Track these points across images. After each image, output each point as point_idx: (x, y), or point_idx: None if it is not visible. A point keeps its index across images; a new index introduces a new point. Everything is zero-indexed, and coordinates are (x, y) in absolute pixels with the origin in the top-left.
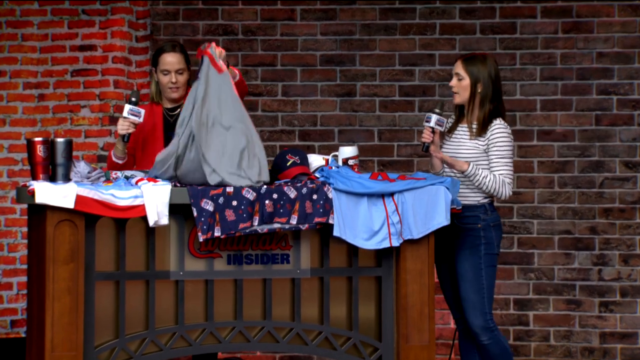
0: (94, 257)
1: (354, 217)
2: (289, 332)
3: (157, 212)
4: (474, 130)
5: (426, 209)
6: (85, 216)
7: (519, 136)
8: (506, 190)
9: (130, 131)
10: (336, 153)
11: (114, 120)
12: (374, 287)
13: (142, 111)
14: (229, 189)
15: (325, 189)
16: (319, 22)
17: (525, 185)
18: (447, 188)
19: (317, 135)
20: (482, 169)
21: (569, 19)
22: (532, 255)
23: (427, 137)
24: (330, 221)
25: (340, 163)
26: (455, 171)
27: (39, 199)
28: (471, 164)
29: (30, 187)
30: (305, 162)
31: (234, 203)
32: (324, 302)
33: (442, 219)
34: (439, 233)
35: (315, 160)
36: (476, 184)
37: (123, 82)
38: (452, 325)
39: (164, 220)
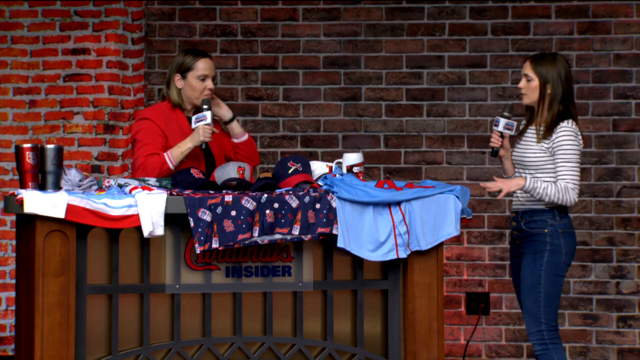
0: (85, 270)
1: (359, 228)
2: (291, 349)
3: (152, 222)
4: (541, 132)
5: (435, 219)
6: (77, 226)
7: None
8: (570, 197)
9: (210, 140)
10: (340, 160)
11: (108, 129)
12: (379, 301)
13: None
14: (228, 198)
15: (329, 197)
16: (322, 23)
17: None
18: (457, 197)
19: (320, 141)
20: (542, 180)
21: (585, 19)
22: None
23: (495, 141)
24: (334, 231)
25: (344, 170)
26: (526, 175)
27: (28, 208)
28: (528, 179)
29: (19, 196)
30: (307, 170)
31: (233, 213)
32: (327, 316)
33: (451, 229)
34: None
35: (318, 167)
36: (537, 197)
37: (118, 88)
38: (462, 341)
39: (160, 231)
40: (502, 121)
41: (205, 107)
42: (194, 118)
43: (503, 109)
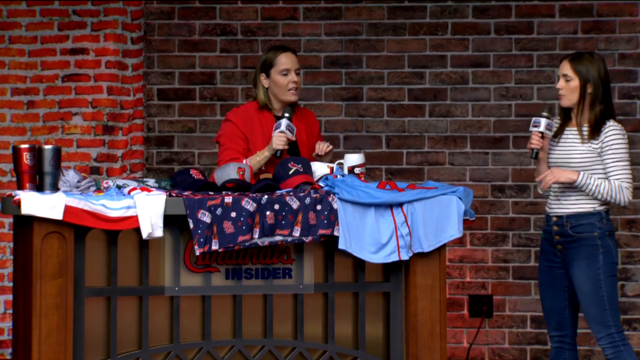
0: (83, 272)
1: (361, 229)
2: (292, 352)
3: (151, 223)
4: (585, 133)
5: (437, 221)
6: (75, 228)
7: None
8: (624, 196)
9: (285, 147)
10: (341, 161)
11: (107, 129)
12: (381, 303)
13: (295, 129)
14: (227, 200)
15: (330, 199)
16: (323, 22)
17: (542, 194)
18: (460, 198)
19: None
20: (595, 176)
21: (589, 18)
22: None
23: (536, 143)
24: (335, 233)
25: (345, 171)
26: (562, 180)
27: (26, 209)
28: (581, 173)
29: (16, 197)
30: (308, 171)
31: (233, 214)
32: (328, 319)
33: (454, 231)
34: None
35: (319, 168)
36: (590, 193)
37: (117, 89)
38: (465, 344)
39: (158, 232)
40: (544, 121)
41: (286, 115)
42: (274, 127)
43: (542, 109)
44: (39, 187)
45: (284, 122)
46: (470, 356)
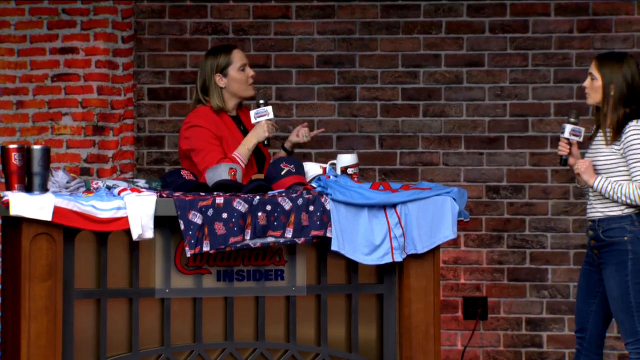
0: (73, 274)
1: (354, 231)
2: (284, 355)
3: (142, 225)
4: (609, 135)
5: (431, 222)
6: (64, 229)
7: (531, 143)
8: None
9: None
10: (334, 161)
11: (98, 130)
12: (375, 305)
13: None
14: (219, 201)
15: (323, 200)
16: (316, 21)
17: (538, 196)
18: (454, 199)
19: (314, 142)
20: (613, 180)
21: (585, 17)
22: (545, 271)
23: (563, 149)
24: (328, 235)
25: (339, 172)
26: (584, 178)
27: (14, 210)
28: (598, 178)
29: (5, 198)
30: (301, 171)
31: (225, 216)
32: (321, 322)
33: (448, 232)
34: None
35: (312, 169)
36: (609, 198)
37: (108, 89)
38: (460, 347)
39: (149, 234)
40: (568, 127)
41: (262, 102)
42: (253, 113)
43: (569, 115)
44: (28, 188)
45: (270, 110)
46: (465, 359)
